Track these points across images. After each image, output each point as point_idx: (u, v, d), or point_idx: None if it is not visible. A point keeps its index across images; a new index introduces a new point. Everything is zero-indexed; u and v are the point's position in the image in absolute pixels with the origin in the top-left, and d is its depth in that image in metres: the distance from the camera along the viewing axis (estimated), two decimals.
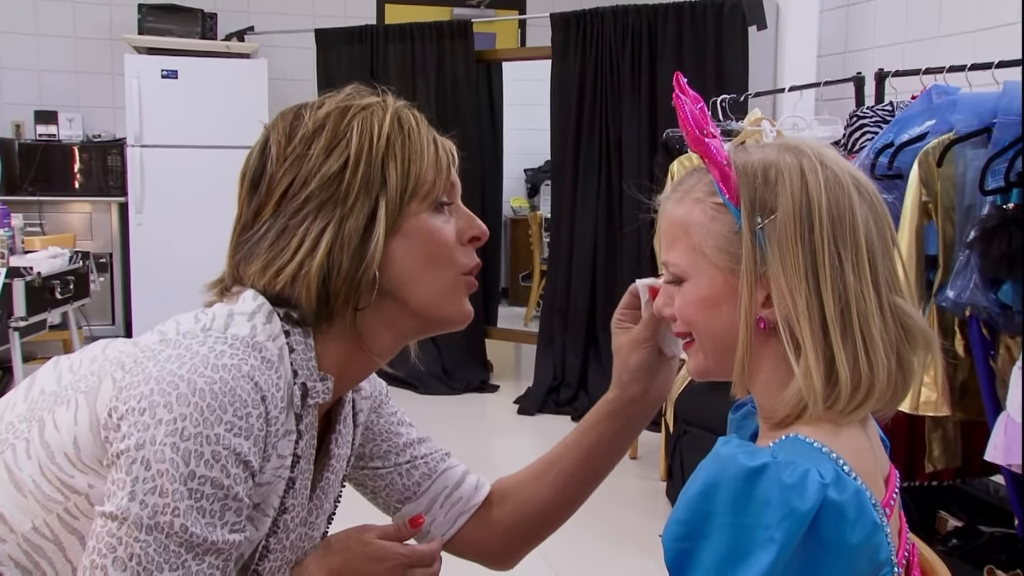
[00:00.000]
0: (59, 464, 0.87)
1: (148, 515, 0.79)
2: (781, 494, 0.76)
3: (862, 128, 2.62)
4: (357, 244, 0.92)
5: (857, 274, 0.85)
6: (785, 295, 0.85)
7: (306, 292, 0.91)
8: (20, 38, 5.49)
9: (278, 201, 0.94)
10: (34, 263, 3.66)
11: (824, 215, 0.85)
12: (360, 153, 0.94)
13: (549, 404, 4.70)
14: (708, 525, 0.79)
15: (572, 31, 4.74)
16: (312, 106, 0.98)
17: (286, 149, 0.95)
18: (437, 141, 1.00)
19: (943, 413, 2.10)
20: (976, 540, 2.42)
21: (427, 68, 5.11)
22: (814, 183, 0.86)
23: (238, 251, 0.96)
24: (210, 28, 5.42)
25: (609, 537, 3.06)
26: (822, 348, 0.84)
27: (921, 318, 0.89)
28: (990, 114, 2.05)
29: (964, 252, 1.98)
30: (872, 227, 0.87)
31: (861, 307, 0.85)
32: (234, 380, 0.83)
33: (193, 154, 5.10)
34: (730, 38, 4.39)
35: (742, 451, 0.80)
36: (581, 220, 4.77)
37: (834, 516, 0.77)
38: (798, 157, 0.88)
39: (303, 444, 0.94)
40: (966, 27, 3.41)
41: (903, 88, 2.94)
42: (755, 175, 0.87)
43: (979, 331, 2.06)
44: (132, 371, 0.85)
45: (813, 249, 0.84)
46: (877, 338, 0.85)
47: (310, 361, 0.93)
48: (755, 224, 0.86)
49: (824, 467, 0.79)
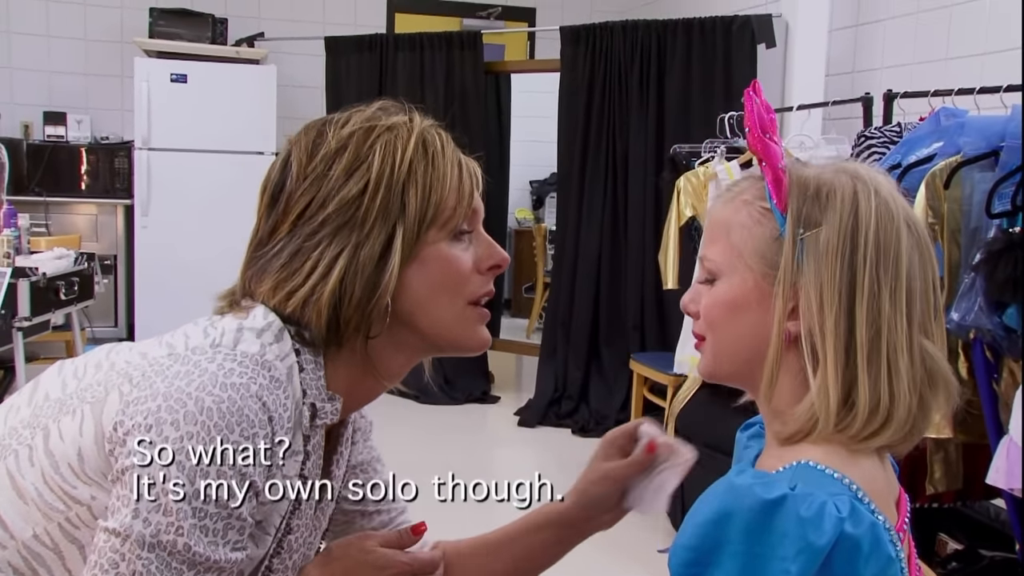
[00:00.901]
0: (62, 474, 0.87)
1: (151, 533, 0.80)
2: (798, 528, 0.76)
3: (869, 148, 2.62)
4: (371, 272, 0.91)
5: (894, 304, 0.85)
6: (813, 308, 0.84)
7: (316, 317, 0.90)
8: (31, 39, 5.51)
9: (294, 221, 0.92)
10: (39, 264, 3.66)
11: (871, 239, 0.85)
12: (381, 178, 0.92)
13: (550, 416, 4.69)
14: (719, 553, 0.78)
15: (581, 44, 4.75)
16: (337, 123, 0.96)
17: (307, 167, 0.94)
18: (462, 164, 0.98)
19: (945, 435, 2.09)
20: (976, 564, 2.41)
21: (436, 78, 5.12)
22: (865, 207, 0.86)
23: (251, 266, 0.95)
24: (220, 33, 5.44)
25: (606, 550, 3.05)
26: (843, 368, 0.84)
27: (946, 364, 0.89)
28: (998, 137, 2.06)
29: (969, 275, 1.98)
30: (916, 265, 0.87)
31: (892, 337, 0.84)
32: (242, 400, 0.83)
33: (200, 158, 5.11)
34: (739, 55, 4.40)
35: (758, 482, 0.79)
36: (586, 233, 4.77)
37: (849, 549, 0.76)
38: (854, 180, 0.88)
39: (310, 464, 0.93)
40: (975, 50, 3.42)
41: (911, 109, 2.94)
42: (807, 187, 0.88)
43: (983, 354, 2.05)
44: (140, 385, 0.85)
45: (853, 269, 0.84)
46: (903, 371, 0.84)
47: (319, 380, 0.92)
48: (797, 234, 0.86)
49: (840, 499, 0.78)
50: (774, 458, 0.88)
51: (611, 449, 1.10)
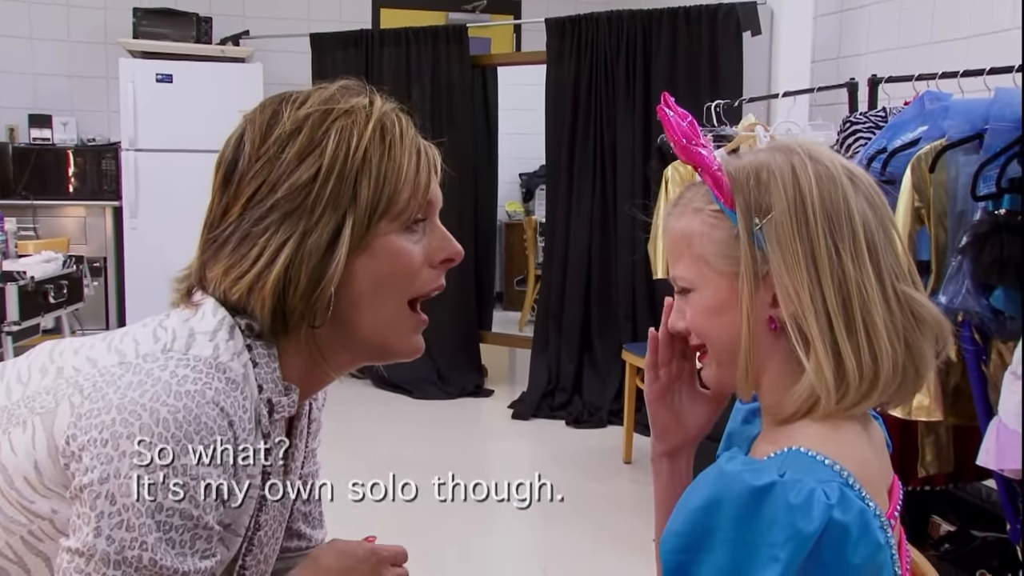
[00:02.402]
0: (18, 489, 0.85)
1: (115, 550, 0.78)
2: (787, 515, 0.76)
3: (855, 134, 2.63)
4: (317, 261, 0.87)
5: (857, 264, 0.85)
6: (790, 292, 0.85)
7: (260, 305, 0.88)
8: (14, 41, 5.48)
9: (245, 203, 0.89)
10: (27, 267, 3.64)
11: (818, 208, 0.85)
12: (333, 165, 0.88)
13: (544, 409, 4.69)
14: (710, 539, 0.79)
15: (567, 36, 4.74)
16: (294, 102, 0.92)
17: (259, 148, 0.90)
18: (420, 152, 0.94)
19: (936, 418, 2.10)
20: (968, 545, 2.42)
21: (422, 73, 5.11)
22: (805, 179, 0.86)
23: (206, 249, 0.92)
24: (205, 32, 5.41)
25: (603, 541, 3.06)
26: (829, 341, 0.84)
27: (932, 305, 0.89)
28: (982, 120, 2.06)
29: (956, 258, 1.99)
30: (870, 217, 0.88)
31: (862, 296, 0.85)
32: (199, 407, 0.80)
33: (188, 158, 5.09)
34: (724, 43, 4.40)
35: (747, 469, 0.80)
36: (576, 224, 4.77)
37: (838, 536, 0.77)
38: (788, 156, 0.89)
39: (272, 460, 0.91)
40: (959, 34, 3.42)
41: (896, 94, 2.95)
42: (747, 178, 0.88)
43: (971, 336, 2.06)
44: (91, 397, 0.82)
45: (811, 243, 0.85)
46: (880, 326, 0.85)
47: (274, 373, 0.90)
48: (753, 225, 0.87)
49: (829, 486, 0.79)
50: (768, 443, 0.88)
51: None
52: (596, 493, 3.55)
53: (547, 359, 4.86)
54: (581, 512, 3.34)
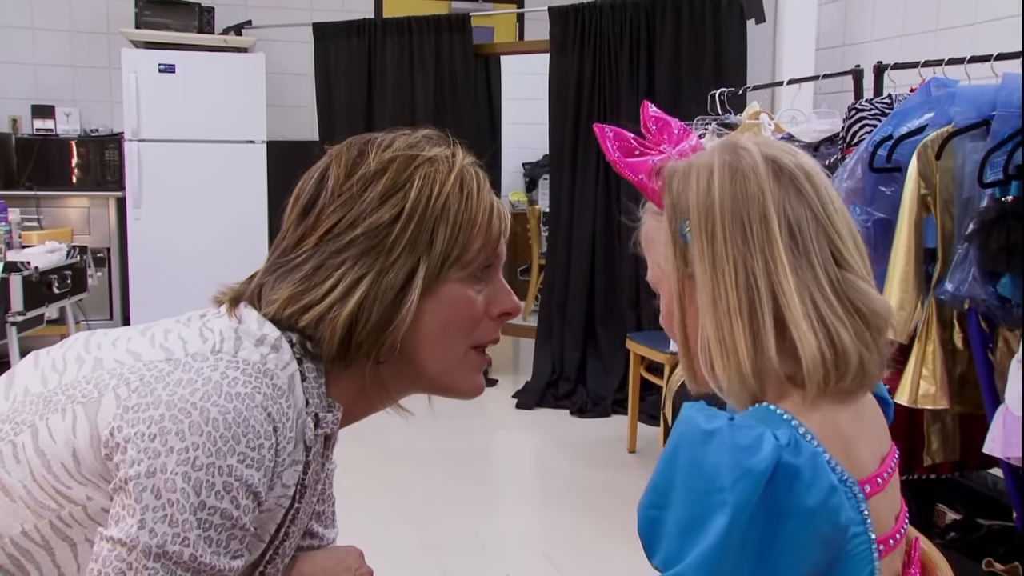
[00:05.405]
0: (55, 474, 0.86)
1: (157, 544, 0.79)
2: (732, 455, 0.76)
3: (861, 121, 2.61)
4: (390, 301, 0.91)
5: (772, 259, 0.84)
6: (702, 290, 0.86)
7: (330, 336, 0.90)
8: (16, 32, 5.47)
9: (322, 235, 0.93)
10: (31, 258, 3.65)
11: (727, 206, 0.85)
12: (415, 210, 0.92)
13: (548, 398, 4.70)
14: (672, 493, 0.79)
15: (570, 25, 4.73)
16: (380, 144, 0.96)
17: (343, 185, 0.94)
18: (493, 208, 0.98)
19: (942, 406, 2.10)
20: (974, 533, 2.42)
21: (425, 62, 5.10)
22: (719, 179, 0.86)
23: (271, 272, 0.95)
24: (207, 22, 5.40)
25: (608, 531, 3.07)
26: (748, 335, 0.84)
27: (873, 291, 0.88)
28: (989, 107, 2.05)
29: (963, 245, 1.98)
30: (790, 211, 0.86)
31: (774, 292, 0.83)
32: (247, 410, 0.82)
33: (191, 148, 5.09)
34: (728, 31, 4.38)
35: (702, 414, 0.80)
36: (579, 214, 4.76)
37: (789, 478, 0.76)
38: (721, 154, 0.88)
39: (311, 473, 0.93)
40: (965, 20, 3.41)
41: (902, 81, 2.94)
42: (674, 180, 0.89)
43: (977, 324, 2.06)
44: (139, 391, 0.84)
45: (714, 240, 0.85)
46: (800, 318, 0.83)
47: (320, 389, 0.92)
48: (681, 226, 0.87)
49: (780, 431, 0.79)
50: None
51: None
52: (600, 482, 3.55)
53: (551, 349, 4.86)
54: (585, 501, 3.34)
